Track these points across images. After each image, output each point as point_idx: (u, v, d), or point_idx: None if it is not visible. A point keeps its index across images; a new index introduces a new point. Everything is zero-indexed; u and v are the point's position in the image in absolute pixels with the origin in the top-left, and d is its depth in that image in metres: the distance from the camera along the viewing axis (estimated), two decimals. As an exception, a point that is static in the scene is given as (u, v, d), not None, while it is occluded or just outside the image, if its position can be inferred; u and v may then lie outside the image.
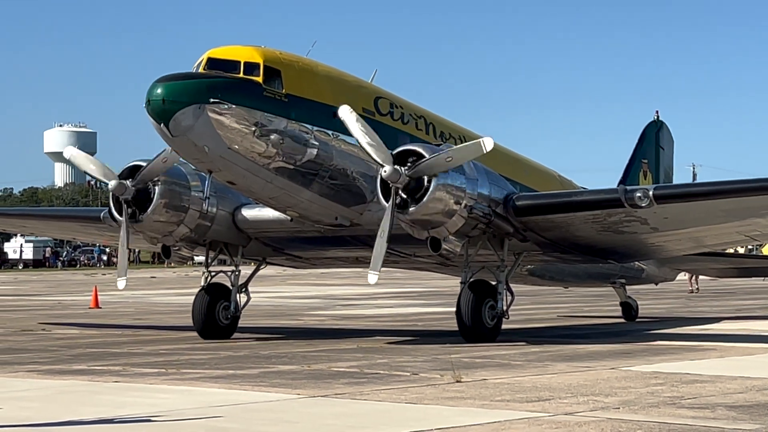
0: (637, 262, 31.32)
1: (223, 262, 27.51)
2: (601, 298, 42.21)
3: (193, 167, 24.32)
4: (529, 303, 42.07)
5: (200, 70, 22.40)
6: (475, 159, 24.92)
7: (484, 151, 22.23)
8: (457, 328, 24.23)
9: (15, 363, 20.33)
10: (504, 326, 24.28)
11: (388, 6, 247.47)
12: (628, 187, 23.71)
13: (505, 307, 24.24)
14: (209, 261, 26.52)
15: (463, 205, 22.62)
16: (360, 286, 52.59)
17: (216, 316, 25.92)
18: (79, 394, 15.85)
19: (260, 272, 27.68)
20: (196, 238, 25.75)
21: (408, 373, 18.04)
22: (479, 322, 23.82)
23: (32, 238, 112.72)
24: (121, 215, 24.61)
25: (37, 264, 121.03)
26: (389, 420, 13.35)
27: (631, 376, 17.58)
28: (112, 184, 24.48)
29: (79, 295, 51.85)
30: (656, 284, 36.10)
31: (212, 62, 22.42)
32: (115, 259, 28.08)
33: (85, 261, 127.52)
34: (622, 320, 32.64)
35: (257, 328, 29.09)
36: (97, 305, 40.80)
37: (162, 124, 21.49)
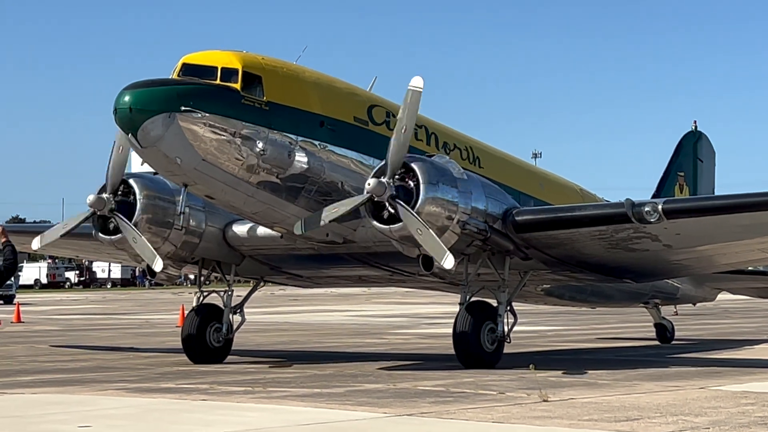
0: (670, 281, 29.64)
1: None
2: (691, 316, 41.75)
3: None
4: (617, 322, 41.76)
5: (175, 76, 20.95)
6: (486, 169, 23.97)
7: (419, 90, 20.24)
8: (549, 348, 23.72)
9: (104, 381, 20.53)
10: (592, 345, 23.85)
11: (395, 10, 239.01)
12: (636, 201, 21.75)
13: (506, 330, 22.73)
14: (201, 280, 25.24)
15: (455, 220, 21.10)
16: (445, 304, 52.46)
17: (207, 339, 24.70)
18: (167, 413, 15.95)
19: (344, 291, 27.02)
20: (183, 256, 24.22)
21: (494, 392, 17.94)
22: (478, 347, 22.25)
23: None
24: (101, 233, 23.13)
25: (125, 283, 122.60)
26: (476, 439, 13.30)
27: (721, 396, 17.33)
28: (90, 198, 22.95)
29: (167, 313, 52.32)
30: (694, 305, 34.16)
31: (187, 68, 20.99)
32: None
33: (175, 279, 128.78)
34: (656, 342, 31.65)
35: (342, 350, 29.13)
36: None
37: (130, 135, 20.08)
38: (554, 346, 30.05)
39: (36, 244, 23.69)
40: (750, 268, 30.03)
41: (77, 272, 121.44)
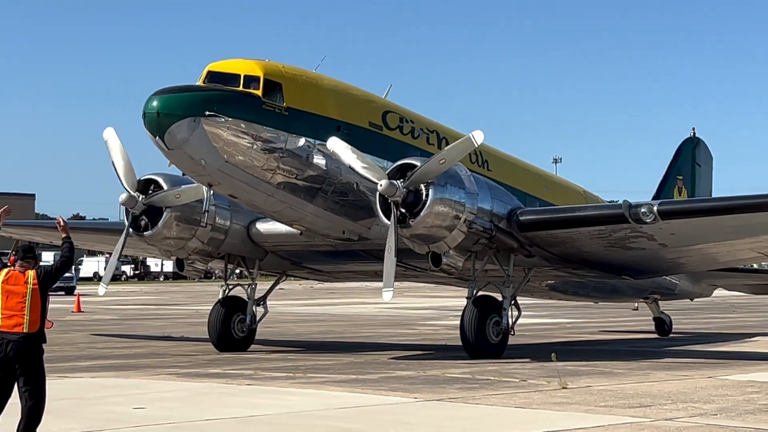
0: (668, 278, 29.26)
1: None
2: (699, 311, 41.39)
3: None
4: (626, 316, 41.55)
5: (200, 83, 20.85)
6: (494, 172, 23.73)
7: (476, 146, 20.62)
8: (566, 339, 23.54)
9: (157, 366, 20.63)
10: (607, 337, 23.58)
11: (414, 21, 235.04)
12: (633, 203, 21.61)
13: (511, 323, 22.57)
14: (227, 274, 25.34)
15: (462, 219, 20.95)
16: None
17: (231, 329, 24.63)
18: (215, 396, 16.02)
19: (378, 285, 26.38)
20: (210, 251, 24.34)
21: (517, 380, 17.92)
22: (483, 339, 22.12)
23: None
24: (135, 229, 23.30)
25: (176, 276, 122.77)
26: (500, 423, 13.28)
27: (728, 385, 17.25)
28: (122, 197, 22.93)
29: (215, 304, 52.33)
30: (691, 300, 33.64)
31: (212, 75, 20.91)
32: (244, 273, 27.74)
33: (220, 274, 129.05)
34: (656, 335, 31.12)
35: (376, 339, 29.08)
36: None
37: (157, 137, 19.88)
38: (572, 337, 29.96)
39: (102, 290, 24.62)
40: (743, 266, 29.72)
41: (132, 266, 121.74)
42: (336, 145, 20.73)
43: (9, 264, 11.27)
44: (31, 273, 11.02)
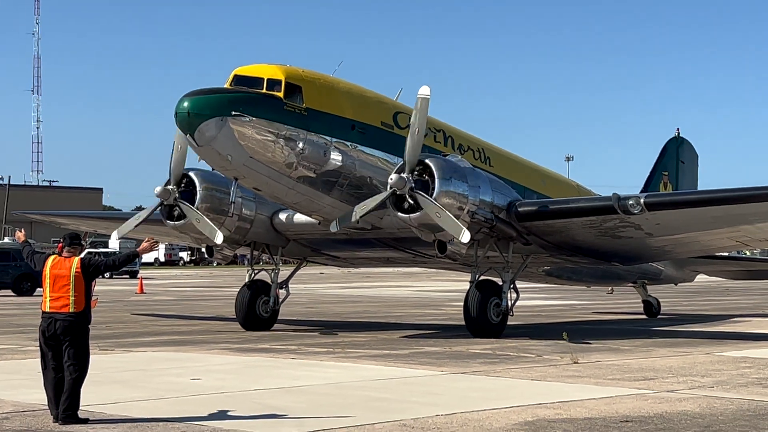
0: (654, 264, 28.97)
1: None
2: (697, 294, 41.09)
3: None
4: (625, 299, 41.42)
5: (227, 86, 20.75)
6: (495, 167, 23.70)
7: (427, 97, 20.04)
8: (574, 320, 23.47)
9: (211, 342, 20.77)
10: (602, 318, 23.29)
11: (427, 28, 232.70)
12: (622, 195, 21.45)
13: (510, 305, 22.40)
14: (253, 260, 25.28)
15: (465, 210, 20.81)
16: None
17: (256, 310, 24.57)
18: (263, 368, 16.13)
19: (409, 270, 25.84)
20: (237, 239, 24.20)
21: (533, 355, 17.94)
22: (484, 319, 22.04)
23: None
24: (168, 219, 23.27)
25: (228, 262, 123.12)
26: (518, 394, 13.31)
27: (724, 360, 17.21)
28: (157, 189, 22.90)
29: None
30: (676, 284, 33.19)
31: (238, 79, 20.80)
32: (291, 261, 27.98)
33: (266, 260, 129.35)
34: (644, 316, 30.64)
35: (407, 319, 29.09)
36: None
37: (188, 135, 19.94)
38: (577, 318, 29.90)
39: (114, 236, 24.38)
40: (723, 254, 29.47)
41: (189, 252, 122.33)
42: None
43: (57, 251, 11.38)
44: (75, 260, 11.06)
